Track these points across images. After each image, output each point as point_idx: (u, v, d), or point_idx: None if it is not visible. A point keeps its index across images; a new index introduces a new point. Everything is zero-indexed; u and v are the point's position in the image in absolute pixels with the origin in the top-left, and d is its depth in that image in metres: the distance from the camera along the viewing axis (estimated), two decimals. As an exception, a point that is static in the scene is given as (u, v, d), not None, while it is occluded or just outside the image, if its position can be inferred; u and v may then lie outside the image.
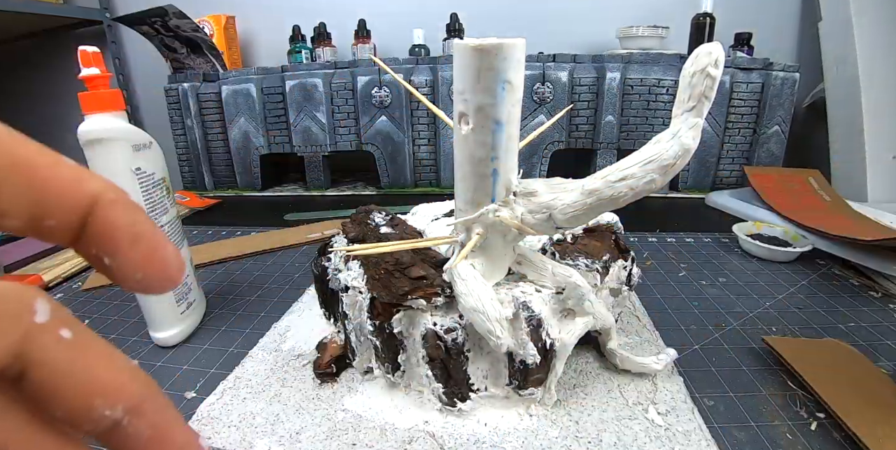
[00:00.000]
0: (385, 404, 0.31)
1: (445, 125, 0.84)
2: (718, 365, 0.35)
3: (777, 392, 0.32)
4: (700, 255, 0.55)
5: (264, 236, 0.65)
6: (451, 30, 0.88)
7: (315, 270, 0.37)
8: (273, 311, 0.44)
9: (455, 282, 0.27)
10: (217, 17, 0.95)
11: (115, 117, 0.34)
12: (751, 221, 0.60)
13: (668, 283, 0.48)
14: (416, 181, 0.90)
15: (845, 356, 0.34)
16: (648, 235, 0.62)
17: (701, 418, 0.29)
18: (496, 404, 0.30)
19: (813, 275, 0.50)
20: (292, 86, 0.85)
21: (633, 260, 0.36)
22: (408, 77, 0.83)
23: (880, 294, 0.45)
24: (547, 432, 0.29)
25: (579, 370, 0.34)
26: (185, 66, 0.92)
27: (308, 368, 0.35)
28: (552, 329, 0.28)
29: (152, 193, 0.36)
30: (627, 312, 0.41)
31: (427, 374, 0.29)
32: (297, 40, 0.95)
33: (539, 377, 0.29)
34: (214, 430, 0.29)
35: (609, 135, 0.82)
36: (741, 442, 0.28)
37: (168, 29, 0.85)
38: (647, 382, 0.32)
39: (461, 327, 0.28)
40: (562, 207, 0.25)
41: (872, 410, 0.28)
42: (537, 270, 0.30)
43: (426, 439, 0.28)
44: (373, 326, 0.30)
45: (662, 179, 0.23)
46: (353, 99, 0.85)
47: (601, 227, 0.37)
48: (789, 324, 0.40)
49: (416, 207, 0.43)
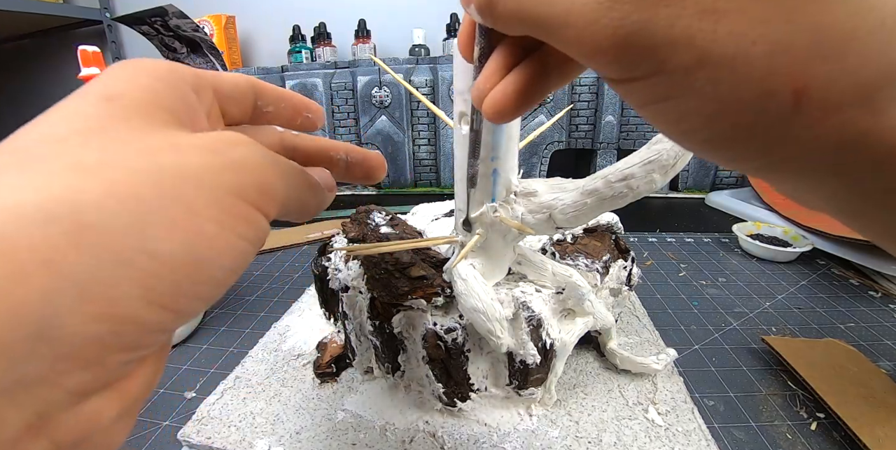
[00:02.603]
0: (385, 404, 0.31)
1: (445, 125, 0.84)
2: (718, 365, 0.35)
3: (777, 392, 0.32)
4: (700, 255, 0.55)
5: (264, 236, 0.64)
6: (451, 30, 0.88)
7: (315, 270, 0.37)
8: (273, 311, 0.44)
9: (455, 282, 0.27)
10: (217, 17, 0.95)
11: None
12: (751, 221, 0.60)
13: (668, 283, 0.48)
14: (416, 181, 0.90)
15: (845, 356, 0.34)
16: (648, 235, 0.62)
17: (701, 418, 0.29)
18: (496, 404, 0.30)
19: (813, 275, 0.50)
20: (292, 86, 0.85)
21: (633, 260, 0.36)
22: (408, 77, 0.82)
23: (880, 294, 0.45)
24: (547, 432, 0.29)
25: (579, 370, 0.34)
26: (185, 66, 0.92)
27: (308, 368, 0.35)
28: (552, 329, 0.28)
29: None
30: (627, 312, 0.41)
31: (427, 374, 0.29)
32: (297, 40, 0.95)
33: (539, 377, 0.29)
34: (214, 430, 0.29)
35: (609, 135, 0.82)
36: (741, 442, 0.28)
37: (168, 29, 0.86)
38: (647, 382, 0.32)
39: (461, 327, 0.28)
40: (562, 207, 0.25)
41: (872, 410, 0.28)
42: (537, 270, 0.30)
43: (426, 438, 0.28)
44: (373, 326, 0.30)
45: (663, 179, 0.23)
46: (353, 99, 0.85)
47: (601, 227, 0.37)
48: (789, 324, 0.40)
49: (416, 207, 0.43)
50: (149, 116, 0.12)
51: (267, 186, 0.13)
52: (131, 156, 0.11)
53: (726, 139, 0.11)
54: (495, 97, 0.15)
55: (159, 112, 0.12)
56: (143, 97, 0.12)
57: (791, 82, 0.09)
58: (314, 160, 0.19)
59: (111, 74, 0.13)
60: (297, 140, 0.19)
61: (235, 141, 0.13)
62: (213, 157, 0.12)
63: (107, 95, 0.12)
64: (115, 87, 0.12)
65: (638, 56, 0.11)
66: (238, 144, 0.13)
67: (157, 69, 0.13)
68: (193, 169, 0.11)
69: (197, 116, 0.14)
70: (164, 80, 0.13)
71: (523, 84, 0.15)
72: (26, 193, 0.09)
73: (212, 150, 0.12)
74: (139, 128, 0.12)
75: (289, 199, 0.14)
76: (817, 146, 0.10)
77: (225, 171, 0.12)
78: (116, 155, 0.11)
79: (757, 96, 0.10)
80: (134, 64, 0.13)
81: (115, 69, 0.13)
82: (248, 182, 0.12)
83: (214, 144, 0.12)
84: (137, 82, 0.13)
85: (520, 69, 0.15)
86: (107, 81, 0.13)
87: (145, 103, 0.12)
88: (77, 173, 0.10)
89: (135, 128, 0.11)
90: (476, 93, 0.15)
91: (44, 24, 1.05)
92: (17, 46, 1.16)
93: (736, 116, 0.10)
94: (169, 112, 0.13)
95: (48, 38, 1.13)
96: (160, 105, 0.13)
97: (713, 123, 0.11)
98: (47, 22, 1.02)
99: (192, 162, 0.11)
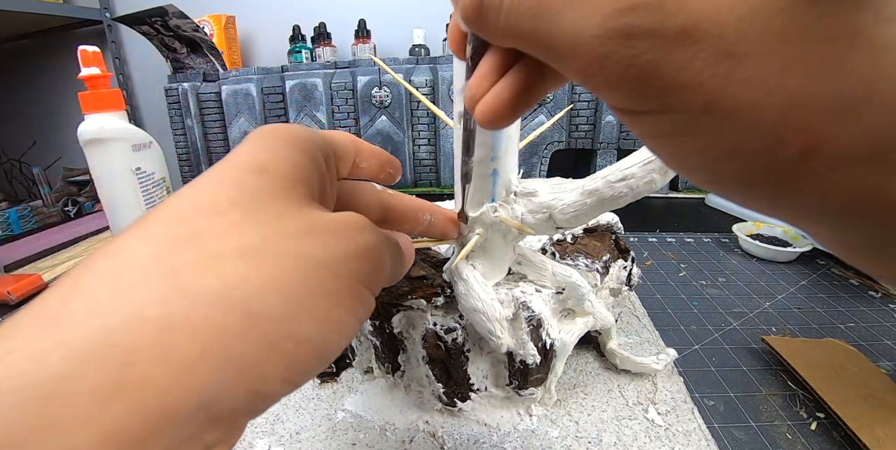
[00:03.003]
0: (385, 404, 0.31)
1: (445, 125, 0.84)
2: (718, 365, 0.35)
3: (777, 392, 0.32)
4: (700, 255, 0.55)
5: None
6: (451, 30, 0.88)
7: (315, 270, 0.37)
8: (273, 311, 0.44)
9: (455, 282, 0.27)
10: (217, 17, 0.95)
11: (115, 117, 0.34)
12: (751, 221, 0.60)
13: (668, 283, 0.48)
14: (416, 181, 0.90)
15: (845, 356, 0.34)
16: (648, 235, 0.62)
17: (701, 418, 0.29)
18: (496, 404, 0.30)
19: (813, 275, 0.50)
20: (292, 86, 0.85)
21: (633, 260, 0.36)
22: (408, 77, 0.82)
23: (880, 294, 0.45)
24: (547, 432, 0.29)
25: (579, 370, 0.34)
26: (185, 65, 0.92)
27: (308, 368, 0.35)
28: (552, 329, 0.28)
29: (152, 193, 0.36)
30: (627, 312, 0.41)
31: (427, 374, 0.29)
32: (297, 40, 0.95)
33: (539, 377, 0.29)
34: (214, 430, 0.29)
35: (609, 135, 0.82)
36: (741, 442, 0.28)
37: (168, 29, 0.86)
38: (647, 382, 0.32)
39: (461, 327, 0.28)
40: (562, 208, 0.25)
41: (872, 410, 0.28)
42: (537, 270, 0.30)
43: (426, 439, 0.28)
44: (373, 326, 0.30)
45: (662, 180, 0.23)
46: (353, 99, 0.85)
47: (601, 227, 0.37)
48: (789, 324, 0.40)
49: (416, 207, 0.43)
50: (294, 191, 0.13)
51: (382, 270, 0.14)
52: (283, 240, 0.12)
53: (730, 182, 0.11)
54: (489, 102, 0.14)
55: (300, 186, 0.13)
56: (289, 171, 0.13)
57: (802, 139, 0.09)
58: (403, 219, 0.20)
59: (256, 144, 0.13)
60: (392, 200, 0.19)
61: (362, 226, 0.14)
62: (346, 243, 0.13)
63: (260, 167, 0.13)
64: (263, 158, 0.13)
65: (647, 94, 0.10)
66: (364, 229, 0.14)
67: (297, 139, 0.14)
68: (331, 257, 0.12)
69: (326, 186, 0.15)
70: (303, 151, 0.14)
71: (519, 89, 0.14)
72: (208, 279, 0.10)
73: (344, 236, 0.13)
74: (285, 204, 0.12)
75: (390, 278, 0.15)
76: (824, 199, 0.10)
77: (357, 258, 0.13)
78: (272, 238, 0.12)
79: (764, 147, 0.09)
80: (273, 132, 0.14)
81: (258, 138, 0.14)
82: (371, 269, 0.13)
83: (345, 231, 0.13)
84: (281, 154, 0.13)
85: (515, 72, 0.14)
86: (253, 152, 0.13)
87: (291, 177, 0.13)
88: (243, 261, 0.11)
89: (282, 204, 0.12)
90: (469, 96, 0.14)
91: (44, 24, 1.05)
92: (17, 46, 1.16)
93: (740, 162, 0.10)
94: (307, 186, 0.14)
95: (48, 38, 1.13)
96: (301, 178, 0.13)
97: (718, 165, 0.11)
98: (47, 22, 1.02)
99: (329, 250, 0.12)
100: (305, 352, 0.11)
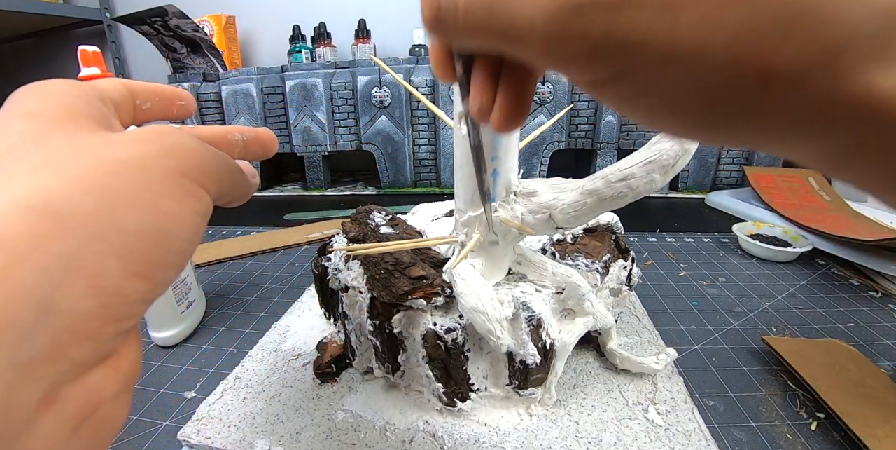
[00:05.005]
0: (385, 404, 0.31)
1: (445, 125, 0.84)
2: (718, 365, 0.35)
3: (777, 392, 0.32)
4: (700, 255, 0.55)
5: (264, 236, 0.65)
6: (451, 30, 0.88)
7: (315, 270, 0.37)
8: (273, 311, 0.44)
9: (455, 282, 0.27)
10: (217, 17, 0.95)
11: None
12: (751, 221, 0.60)
13: (668, 283, 0.48)
14: (416, 181, 0.90)
15: (845, 356, 0.34)
16: (648, 235, 0.62)
17: (701, 418, 0.29)
18: (496, 404, 0.30)
19: (813, 275, 0.50)
20: (292, 86, 0.85)
21: (633, 260, 0.36)
22: (408, 77, 0.82)
23: (880, 294, 0.45)
24: (547, 432, 0.29)
25: (579, 370, 0.34)
26: (185, 65, 0.92)
27: (308, 368, 0.35)
28: (552, 329, 0.28)
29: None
30: (627, 312, 0.41)
31: (427, 374, 0.29)
32: (297, 40, 0.95)
33: (539, 377, 0.29)
34: (214, 430, 0.29)
35: (609, 135, 0.82)
36: (741, 442, 0.28)
37: (168, 29, 0.86)
38: (647, 382, 0.32)
39: (461, 327, 0.28)
40: (562, 207, 0.25)
41: (872, 410, 0.28)
42: (537, 270, 0.30)
43: (426, 439, 0.28)
44: (373, 326, 0.30)
45: (662, 179, 0.23)
46: (353, 99, 0.85)
47: (601, 227, 0.37)
48: (789, 324, 0.40)
49: (416, 207, 0.43)
50: (74, 124, 0.13)
51: (205, 167, 0.15)
52: (76, 153, 0.12)
53: (704, 124, 0.12)
54: (503, 108, 0.15)
55: (82, 120, 0.14)
56: (63, 110, 0.14)
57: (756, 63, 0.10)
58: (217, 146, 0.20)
59: (20, 97, 0.14)
60: (196, 131, 0.19)
61: (164, 130, 0.14)
62: (149, 145, 0.13)
63: (28, 112, 0.13)
64: (30, 105, 0.14)
65: (607, 60, 0.11)
66: (167, 132, 0.14)
67: (62, 86, 0.15)
68: (135, 156, 0.13)
69: (112, 122, 0.15)
70: (72, 94, 0.15)
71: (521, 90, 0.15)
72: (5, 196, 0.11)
73: (146, 140, 0.13)
74: (71, 133, 0.13)
75: (223, 179, 0.16)
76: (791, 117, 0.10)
77: (165, 155, 0.13)
78: (62, 154, 0.12)
79: (725, 80, 0.10)
80: (38, 86, 0.15)
81: (22, 93, 0.14)
82: (188, 164, 0.14)
83: (146, 136, 0.14)
84: (50, 99, 0.14)
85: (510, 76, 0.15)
86: (20, 103, 0.14)
87: (66, 114, 0.14)
88: (35, 174, 0.11)
89: (67, 134, 0.13)
90: (477, 109, 0.15)
91: (44, 24, 1.05)
92: (17, 46, 1.16)
93: (708, 103, 0.11)
94: (90, 119, 0.14)
95: (48, 38, 1.13)
96: (80, 114, 0.14)
97: (687, 111, 0.11)
98: (47, 22, 1.02)
99: (132, 151, 0.13)
100: (137, 241, 0.12)
